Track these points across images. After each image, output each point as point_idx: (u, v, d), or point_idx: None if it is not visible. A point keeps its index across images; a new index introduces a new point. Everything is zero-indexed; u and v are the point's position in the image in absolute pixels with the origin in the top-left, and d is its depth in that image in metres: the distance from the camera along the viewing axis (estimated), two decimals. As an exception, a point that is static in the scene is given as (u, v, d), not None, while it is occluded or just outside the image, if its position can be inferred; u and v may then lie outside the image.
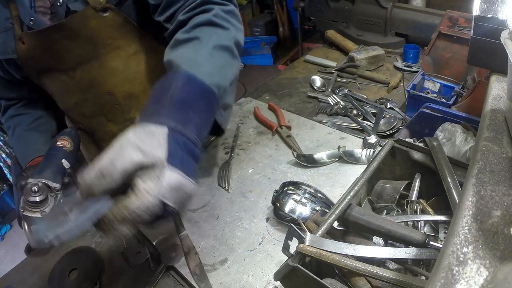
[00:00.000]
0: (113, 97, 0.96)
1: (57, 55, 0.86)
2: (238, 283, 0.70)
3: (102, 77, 0.92)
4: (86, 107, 0.98)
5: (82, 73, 0.90)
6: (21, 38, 0.84)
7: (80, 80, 0.91)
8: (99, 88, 0.94)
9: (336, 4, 1.63)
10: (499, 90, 0.62)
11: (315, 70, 1.43)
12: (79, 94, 0.94)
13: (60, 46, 0.85)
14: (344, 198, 0.60)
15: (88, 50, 0.87)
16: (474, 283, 0.32)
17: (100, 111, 0.99)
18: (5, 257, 2.40)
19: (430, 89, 1.13)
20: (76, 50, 0.86)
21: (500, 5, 0.62)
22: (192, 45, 0.74)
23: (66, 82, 0.92)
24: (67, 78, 0.91)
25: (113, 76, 0.93)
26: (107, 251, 0.82)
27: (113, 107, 0.98)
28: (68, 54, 0.86)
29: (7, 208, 2.63)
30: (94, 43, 0.87)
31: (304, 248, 0.50)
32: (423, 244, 0.52)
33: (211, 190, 0.92)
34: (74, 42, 0.85)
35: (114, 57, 0.91)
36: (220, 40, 0.75)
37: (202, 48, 0.73)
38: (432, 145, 0.68)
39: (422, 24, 1.41)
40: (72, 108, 0.98)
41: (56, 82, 0.92)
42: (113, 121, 1.01)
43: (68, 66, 0.89)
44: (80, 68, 0.89)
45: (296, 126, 1.09)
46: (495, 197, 0.41)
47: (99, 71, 0.91)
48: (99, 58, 0.89)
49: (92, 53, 0.88)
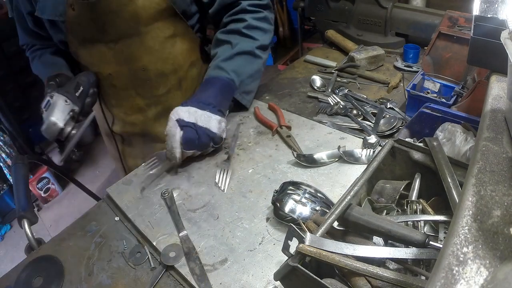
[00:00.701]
0: (145, 73, 1.07)
1: (103, 26, 0.96)
2: (238, 283, 0.70)
3: (139, 53, 1.03)
4: (119, 79, 1.08)
5: (122, 46, 1.00)
6: (72, 5, 0.93)
7: (119, 52, 1.01)
8: (134, 63, 1.04)
9: (336, 4, 1.63)
10: (499, 90, 0.62)
11: (315, 70, 1.43)
12: (115, 66, 1.04)
13: (107, 19, 0.94)
14: (344, 198, 0.60)
15: (131, 26, 0.98)
16: (474, 283, 0.32)
17: (131, 85, 1.09)
18: (5, 257, 2.40)
19: (430, 89, 1.13)
20: (120, 24, 0.96)
21: (500, 5, 0.62)
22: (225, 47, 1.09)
23: (105, 53, 1.02)
24: (107, 50, 1.01)
25: (149, 53, 1.04)
26: (107, 251, 0.82)
27: (144, 82, 1.09)
28: (113, 27, 0.96)
29: (7, 208, 2.63)
30: (136, 21, 0.97)
31: (304, 248, 0.50)
32: (423, 244, 0.52)
33: (211, 190, 0.92)
34: (119, 17, 0.95)
35: (153, 36, 1.01)
36: (243, 48, 1.07)
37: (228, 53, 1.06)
38: (432, 145, 0.68)
39: (422, 24, 1.41)
40: (105, 78, 1.09)
41: (95, 52, 1.02)
42: (141, 95, 1.12)
43: (110, 38, 0.99)
44: (121, 42, 0.99)
45: (296, 126, 1.09)
46: (495, 197, 0.41)
47: (137, 47, 1.01)
48: (139, 35, 1.00)
49: (133, 30, 0.98)
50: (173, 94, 1.15)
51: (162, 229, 0.83)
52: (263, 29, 1.12)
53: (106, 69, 1.06)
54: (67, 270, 0.80)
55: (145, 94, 1.11)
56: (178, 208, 0.87)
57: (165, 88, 1.12)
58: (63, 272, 0.79)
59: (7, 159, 2.54)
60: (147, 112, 1.15)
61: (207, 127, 0.94)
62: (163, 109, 1.15)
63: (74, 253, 0.83)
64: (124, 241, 0.83)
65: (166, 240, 0.80)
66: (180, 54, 1.10)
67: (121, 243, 0.83)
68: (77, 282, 0.77)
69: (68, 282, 0.77)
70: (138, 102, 1.12)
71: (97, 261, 0.80)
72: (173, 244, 0.79)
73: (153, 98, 1.12)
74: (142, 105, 1.13)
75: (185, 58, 1.13)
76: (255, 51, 1.09)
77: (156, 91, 1.11)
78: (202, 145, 0.95)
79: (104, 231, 0.88)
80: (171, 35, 1.05)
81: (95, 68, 1.08)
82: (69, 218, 2.45)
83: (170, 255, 0.76)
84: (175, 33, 1.05)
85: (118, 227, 0.88)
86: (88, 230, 0.88)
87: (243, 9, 1.09)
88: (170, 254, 0.76)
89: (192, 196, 0.91)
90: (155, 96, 1.12)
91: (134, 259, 0.79)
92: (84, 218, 0.93)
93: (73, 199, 2.76)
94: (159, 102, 1.14)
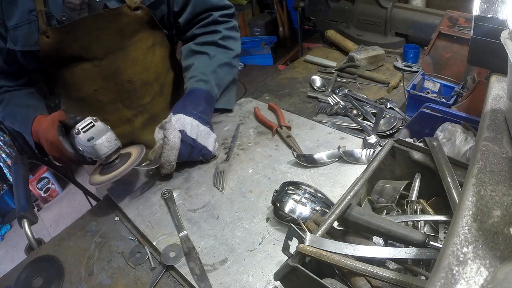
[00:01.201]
0: (131, 84, 1.08)
1: (87, 45, 0.96)
2: (238, 283, 0.70)
3: (125, 66, 1.04)
4: (105, 94, 1.07)
5: (107, 62, 1.01)
6: (45, 32, 0.92)
7: (104, 68, 1.02)
8: (121, 76, 1.05)
9: (336, 4, 1.63)
10: (499, 90, 0.62)
11: (315, 70, 1.43)
12: (101, 81, 1.04)
13: (92, 36, 0.95)
14: (344, 198, 0.60)
15: (116, 41, 0.99)
16: (474, 283, 0.32)
17: (118, 98, 1.10)
18: (5, 257, 2.40)
19: (430, 89, 1.13)
20: (105, 41, 0.98)
21: (500, 5, 0.62)
22: (203, 59, 1.11)
23: (90, 71, 1.01)
24: (92, 67, 1.01)
25: (134, 65, 1.06)
26: (107, 251, 0.82)
27: (130, 94, 1.10)
28: (98, 44, 0.97)
29: (7, 208, 2.63)
30: (121, 35, 0.99)
31: (304, 248, 0.50)
32: (423, 244, 0.52)
33: (211, 190, 0.92)
34: (105, 34, 0.96)
35: (136, 48, 1.04)
36: (222, 59, 1.12)
37: (209, 65, 1.09)
38: (432, 145, 0.68)
39: (422, 24, 1.41)
40: (91, 95, 1.08)
41: (78, 71, 1.01)
42: (129, 107, 1.13)
43: (95, 56, 0.99)
44: (106, 58, 1.01)
45: (296, 126, 1.09)
46: (495, 197, 0.41)
47: (123, 60, 1.03)
48: (124, 49, 1.02)
49: (118, 44, 1.00)
50: (156, 101, 1.17)
51: (162, 229, 0.83)
52: (235, 38, 1.17)
53: (91, 86, 1.05)
54: (67, 270, 0.80)
55: (132, 104, 1.12)
56: (178, 208, 0.87)
57: (149, 96, 1.14)
58: (63, 272, 0.79)
59: (7, 159, 2.54)
60: (135, 122, 1.16)
61: (205, 145, 0.97)
62: (149, 117, 1.17)
63: (74, 253, 0.83)
64: (126, 239, 0.84)
65: (166, 240, 0.80)
66: (160, 62, 1.13)
67: (121, 243, 0.84)
68: (77, 282, 0.77)
69: (68, 282, 0.77)
70: (125, 113, 1.13)
71: (97, 261, 0.81)
72: (173, 244, 0.79)
73: (140, 107, 1.14)
74: (129, 116, 1.14)
75: (164, 65, 1.16)
76: (232, 62, 1.15)
77: (141, 100, 1.13)
78: (190, 159, 0.97)
79: (104, 231, 0.88)
80: (151, 44, 1.07)
81: (78, 88, 1.05)
82: (69, 218, 2.45)
83: (170, 255, 0.76)
84: (154, 42, 1.08)
85: (118, 227, 0.88)
86: (88, 230, 0.89)
87: (215, 21, 1.12)
88: (170, 254, 0.76)
89: (192, 196, 0.91)
90: (141, 106, 1.14)
91: (134, 259, 0.79)
92: (84, 218, 0.93)
93: (73, 199, 2.76)
94: (145, 110, 1.16)
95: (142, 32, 1.03)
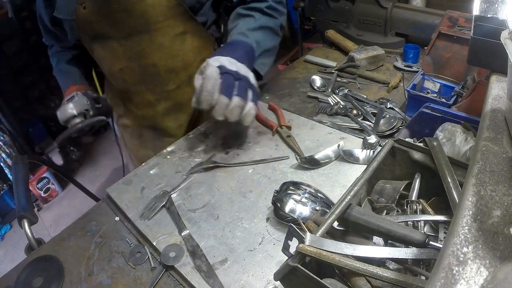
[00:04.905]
0: (155, 69, 1.09)
1: (113, 23, 0.99)
2: (238, 283, 0.70)
3: (149, 50, 1.05)
4: (130, 75, 1.11)
5: (132, 43, 1.03)
6: (83, 3, 0.96)
7: (129, 49, 1.04)
8: (145, 59, 1.07)
9: (336, 4, 1.63)
10: (499, 90, 0.62)
11: (315, 70, 1.43)
12: (126, 61, 1.07)
13: (117, 16, 0.98)
14: (344, 198, 0.60)
15: (140, 24, 1.00)
16: (474, 283, 0.32)
17: (141, 80, 1.12)
18: (5, 257, 2.40)
19: (430, 89, 1.13)
20: (129, 22, 0.99)
21: (500, 5, 0.62)
22: (248, 20, 1.08)
23: (116, 49, 1.05)
24: (118, 46, 1.04)
25: (159, 50, 1.06)
26: (107, 251, 0.82)
27: (154, 78, 1.11)
28: (123, 24, 0.99)
29: (7, 208, 2.63)
30: (146, 18, 1.00)
31: (304, 248, 0.50)
32: (423, 244, 0.52)
33: (211, 190, 0.92)
34: (129, 15, 0.98)
35: (162, 34, 1.04)
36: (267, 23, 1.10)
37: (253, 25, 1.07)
38: (432, 145, 0.68)
39: (422, 24, 1.41)
40: (117, 73, 1.12)
41: (106, 47, 1.05)
42: (151, 91, 1.15)
43: (120, 35, 1.02)
44: (131, 38, 1.02)
45: (296, 126, 1.09)
46: (495, 197, 0.41)
47: (147, 44, 1.04)
48: (149, 32, 1.02)
49: (143, 27, 1.01)
50: (183, 90, 1.17)
51: (162, 229, 0.83)
52: (281, 11, 1.17)
53: (118, 65, 1.09)
54: (67, 270, 0.80)
55: (155, 89, 1.14)
56: (178, 208, 0.87)
57: (174, 84, 1.15)
58: (63, 272, 0.79)
59: (7, 159, 2.54)
60: (157, 107, 1.18)
61: (248, 76, 0.93)
62: (172, 105, 1.18)
63: (74, 253, 0.83)
64: (127, 239, 0.84)
65: (166, 240, 0.80)
66: (191, 51, 1.12)
67: (121, 243, 0.83)
68: (77, 282, 0.77)
69: (68, 282, 0.77)
70: (148, 97, 1.16)
71: (97, 261, 0.81)
72: (173, 244, 0.79)
73: (163, 93, 1.15)
74: (151, 100, 1.16)
75: (196, 55, 1.14)
76: (275, 28, 1.15)
77: (165, 86, 1.14)
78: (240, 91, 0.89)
79: (104, 231, 0.88)
80: (181, 32, 1.07)
81: (108, 63, 1.11)
82: (69, 218, 2.45)
83: (170, 255, 0.76)
84: (185, 30, 1.07)
85: (118, 227, 0.88)
86: (88, 230, 0.89)
87: None
88: (170, 254, 0.76)
89: (192, 196, 0.91)
90: (165, 92, 1.15)
91: (134, 259, 0.79)
92: (84, 218, 0.93)
93: (73, 199, 2.76)
94: (169, 97, 1.17)
95: (171, 19, 1.02)
